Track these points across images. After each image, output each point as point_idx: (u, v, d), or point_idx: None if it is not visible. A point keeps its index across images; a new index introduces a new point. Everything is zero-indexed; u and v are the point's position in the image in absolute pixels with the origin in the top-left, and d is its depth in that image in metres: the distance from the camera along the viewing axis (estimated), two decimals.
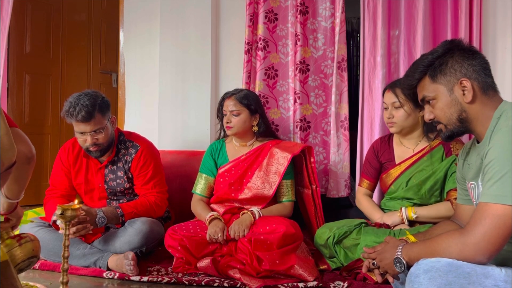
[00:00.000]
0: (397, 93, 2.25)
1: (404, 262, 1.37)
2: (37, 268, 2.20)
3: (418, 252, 1.34)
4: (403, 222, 2.19)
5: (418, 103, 1.56)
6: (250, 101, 2.43)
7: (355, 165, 2.82)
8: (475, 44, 2.63)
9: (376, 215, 2.29)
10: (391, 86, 2.32)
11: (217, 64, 3.17)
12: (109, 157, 2.41)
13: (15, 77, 3.90)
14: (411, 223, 2.21)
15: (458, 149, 2.20)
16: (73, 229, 2.09)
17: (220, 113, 2.51)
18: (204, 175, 2.47)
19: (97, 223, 2.17)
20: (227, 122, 2.41)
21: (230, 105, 2.41)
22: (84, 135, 2.27)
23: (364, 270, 1.56)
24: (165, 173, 2.57)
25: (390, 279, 1.46)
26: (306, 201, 2.52)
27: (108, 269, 2.14)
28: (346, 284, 1.95)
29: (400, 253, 1.39)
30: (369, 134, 2.79)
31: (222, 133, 2.57)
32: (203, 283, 2.00)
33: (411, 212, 2.19)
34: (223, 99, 2.48)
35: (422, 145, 2.30)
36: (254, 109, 2.42)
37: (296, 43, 2.90)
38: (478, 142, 1.44)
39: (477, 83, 1.40)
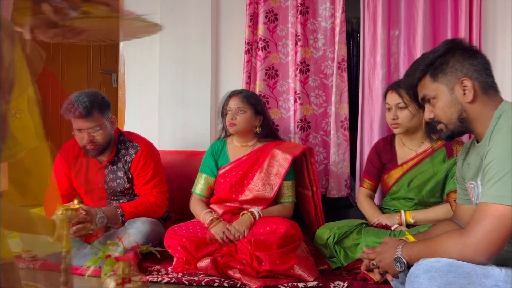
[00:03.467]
0: (402, 93, 2.24)
1: (405, 262, 1.37)
2: (37, 268, 2.20)
3: (418, 252, 1.34)
4: (401, 224, 2.19)
5: (421, 104, 1.56)
6: (255, 101, 2.44)
7: (355, 165, 2.82)
8: (475, 44, 2.63)
9: (375, 219, 2.28)
10: (394, 87, 2.31)
11: (217, 64, 3.17)
12: (109, 157, 2.41)
13: None
14: (409, 225, 2.21)
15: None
16: (73, 229, 2.09)
17: (222, 112, 2.49)
18: (204, 175, 2.47)
19: (97, 223, 2.17)
20: (231, 119, 2.39)
21: (236, 103, 2.40)
22: (81, 132, 2.27)
23: (363, 268, 1.55)
24: (165, 173, 2.57)
25: (390, 278, 1.46)
26: (306, 202, 2.52)
27: None
28: (346, 284, 1.95)
29: (400, 252, 1.39)
30: (369, 134, 2.79)
31: (223, 133, 2.57)
32: (203, 283, 2.01)
33: (409, 217, 2.19)
34: (229, 97, 2.47)
35: (424, 146, 2.30)
36: (258, 110, 2.43)
37: (296, 43, 2.90)
38: (477, 142, 1.44)
39: (478, 83, 1.39)
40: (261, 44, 2.94)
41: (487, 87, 1.40)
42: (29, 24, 1.20)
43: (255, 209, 2.26)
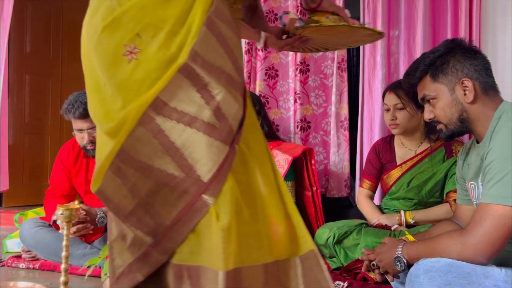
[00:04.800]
0: (400, 94, 2.24)
1: (405, 261, 1.37)
2: (37, 268, 2.20)
3: (418, 251, 1.34)
4: (401, 225, 2.20)
5: (419, 104, 1.55)
6: (254, 101, 2.45)
7: (355, 165, 2.82)
8: (475, 44, 2.62)
9: (375, 219, 2.28)
10: (392, 87, 2.31)
11: None
12: None
13: (15, 77, 3.90)
14: (409, 225, 2.21)
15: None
16: (73, 229, 2.09)
17: None
18: None
19: (97, 223, 2.17)
20: None
21: None
22: (81, 133, 2.27)
23: (364, 269, 1.56)
24: None
25: (390, 278, 1.46)
26: (306, 203, 2.52)
27: None
28: (346, 284, 1.95)
29: (400, 252, 1.39)
30: (369, 134, 2.79)
31: None
32: None
33: (409, 217, 2.19)
34: None
35: (424, 146, 2.29)
36: (258, 109, 2.44)
37: None
38: (477, 142, 1.44)
39: (479, 83, 1.39)
40: None
41: (488, 87, 1.40)
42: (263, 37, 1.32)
43: None
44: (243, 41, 2.97)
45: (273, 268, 0.98)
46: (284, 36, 1.34)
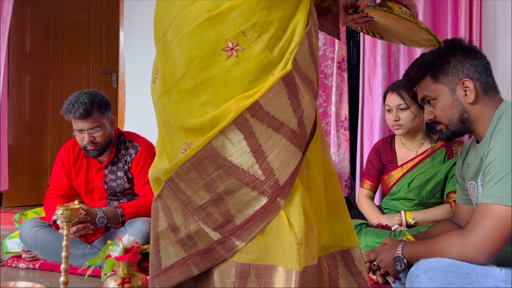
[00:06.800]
0: (402, 95, 2.22)
1: (405, 261, 1.37)
2: (37, 268, 2.20)
3: (418, 251, 1.34)
4: (401, 225, 2.19)
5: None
6: None
7: (355, 165, 2.82)
8: (475, 44, 2.62)
9: (375, 219, 2.28)
10: (394, 88, 2.29)
11: None
12: (109, 157, 2.41)
13: (15, 77, 3.90)
14: (409, 226, 2.21)
15: None
16: (73, 229, 2.09)
17: None
18: None
19: (97, 223, 2.17)
20: None
21: None
22: (82, 133, 2.27)
23: (366, 271, 1.55)
24: None
25: (391, 280, 1.46)
26: None
27: None
28: None
29: (400, 252, 1.39)
30: (369, 134, 2.79)
31: None
32: None
33: (409, 217, 2.19)
34: None
35: (424, 147, 2.29)
36: None
37: None
38: (477, 142, 1.44)
39: (479, 84, 1.39)
40: None
41: (488, 87, 1.40)
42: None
43: None
44: None
45: (320, 264, 1.05)
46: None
